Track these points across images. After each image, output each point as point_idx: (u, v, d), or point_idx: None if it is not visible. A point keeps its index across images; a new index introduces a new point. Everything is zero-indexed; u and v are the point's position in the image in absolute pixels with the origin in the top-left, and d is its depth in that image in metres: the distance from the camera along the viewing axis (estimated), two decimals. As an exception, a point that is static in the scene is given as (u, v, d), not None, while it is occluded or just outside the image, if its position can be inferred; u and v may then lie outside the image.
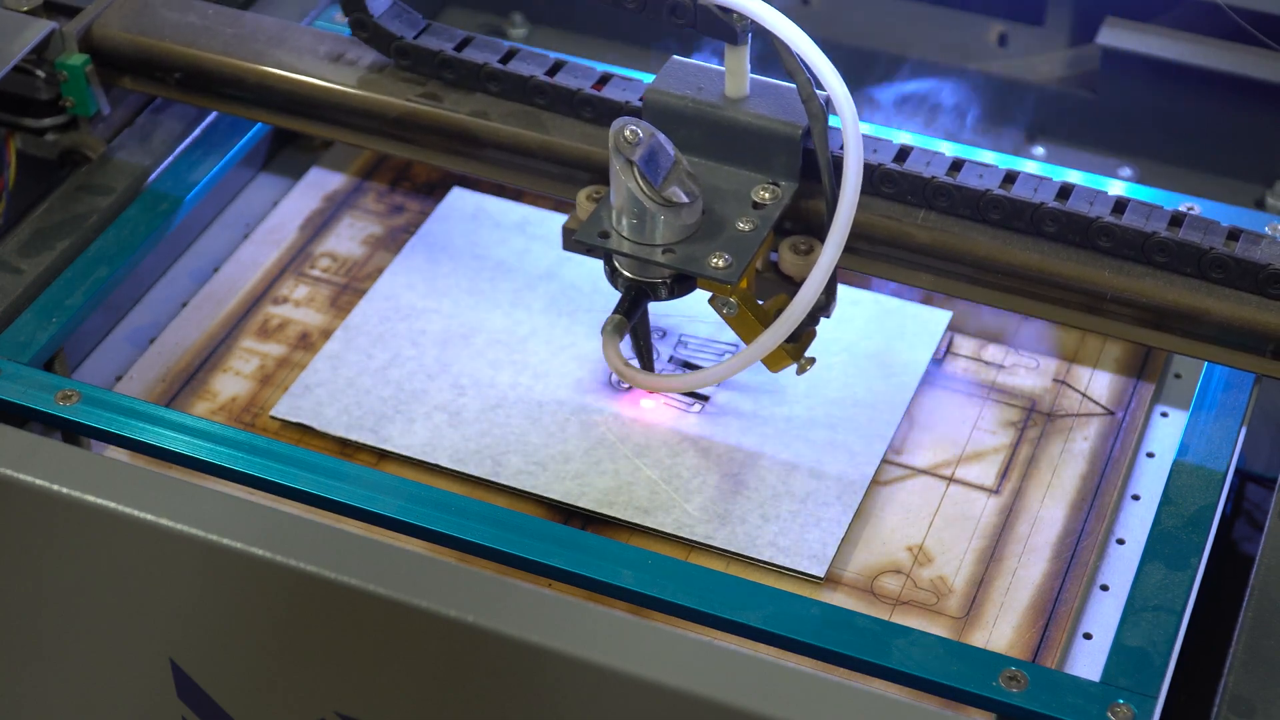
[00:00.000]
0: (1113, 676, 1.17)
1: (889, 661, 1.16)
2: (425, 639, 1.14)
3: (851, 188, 1.26)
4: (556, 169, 1.42)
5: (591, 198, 1.35)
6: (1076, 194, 1.31)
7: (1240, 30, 1.60)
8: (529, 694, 1.14)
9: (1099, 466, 1.38)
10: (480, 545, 1.23)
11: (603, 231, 1.30)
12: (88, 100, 1.48)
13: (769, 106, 1.32)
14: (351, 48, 1.48)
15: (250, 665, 1.23)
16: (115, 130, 1.52)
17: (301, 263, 1.54)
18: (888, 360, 1.43)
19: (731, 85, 1.32)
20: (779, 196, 1.31)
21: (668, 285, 1.31)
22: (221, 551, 1.16)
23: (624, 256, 1.30)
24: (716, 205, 1.31)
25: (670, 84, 1.34)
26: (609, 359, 1.31)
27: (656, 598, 1.20)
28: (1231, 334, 1.30)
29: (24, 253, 1.42)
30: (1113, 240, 1.30)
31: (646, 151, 1.26)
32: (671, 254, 1.28)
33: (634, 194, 1.26)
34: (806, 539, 1.32)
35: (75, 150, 1.50)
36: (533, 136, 1.41)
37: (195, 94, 1.50)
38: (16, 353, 1.36)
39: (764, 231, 1.29)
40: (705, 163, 1.33)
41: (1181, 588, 1.22)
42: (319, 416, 1.39)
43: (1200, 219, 1.30)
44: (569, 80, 1.41)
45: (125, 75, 1.51)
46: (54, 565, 1.24)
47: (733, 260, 1.27)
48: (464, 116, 1.43)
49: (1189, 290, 1.30)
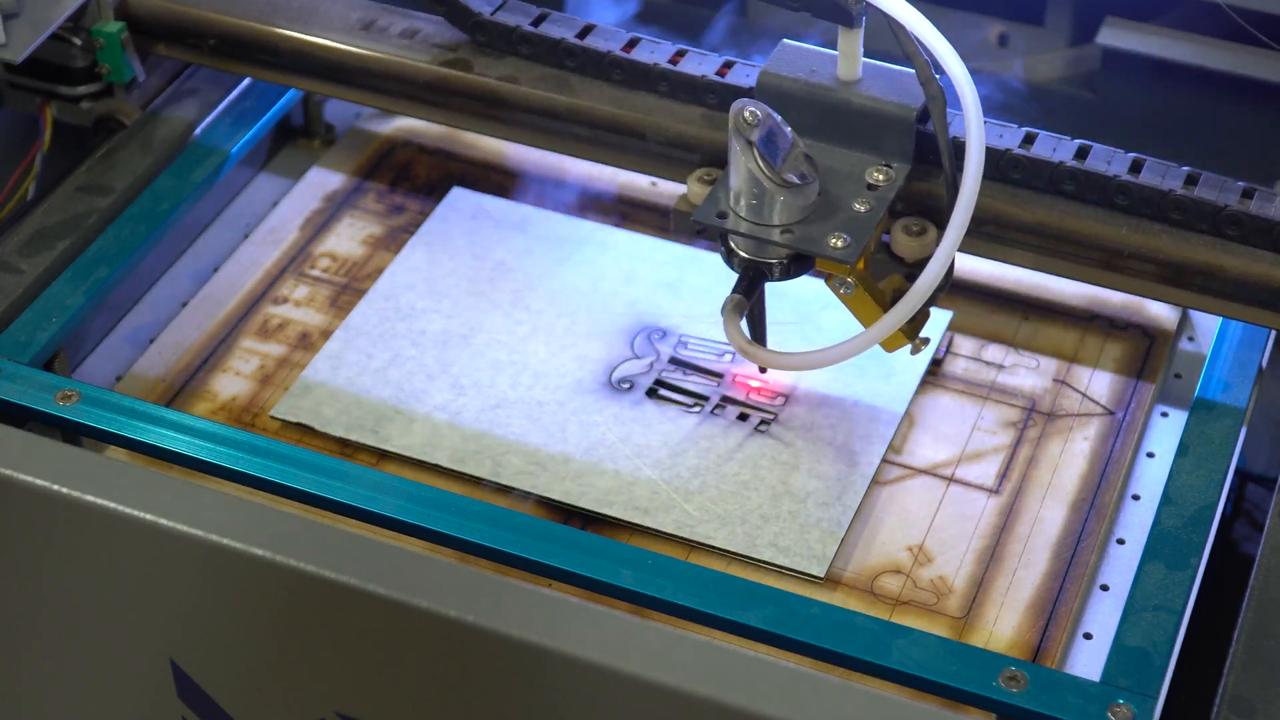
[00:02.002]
0: (1113, 676, 1.17)
1: (889, 661, 1.16)
2: (425, 639, 1.14)
3: (974, 169, 1.27)
4: (586, 131, 1.44)
5: (703, 180, 1.36)
6: (1094, 154, 1.34)
7: (1240, 30, 1.60)
8: (529, 694, 1.14)
9: (1099, 466, 1.38)
10: (480, 545, 1.23)
11: (720, 212, 1.31)
12: (123, 67, 1.52)
13: (882, 89, 1.33)
14: (383, 14, 1.51)
15: (250, 665, 1.23)
16: (149, 97, 1.56)
17: (301, 263, 1.54)
18: (888, 360, 1.43)
19: (845, 68, 1.34)
20: (893, 178, 1.32)
21: (783, 265, 1.32)
22: (221, 551, 1.16)
23: (741, 237, 1.31)
24: (831, 186, 1.32)
25: (783, 67, 1.35)
26: (730, 337, 1.32)
27: (656, 598, 1.20)
28: (1246, 289, 1.33)
29: (24, 253, 1.42)
30: (1130, 198, 1.33)
31: (765, 133, 1.27)
32: (790, 234, 1.29)
33: (754, 174, 1.27)
34: (806, 539, 1.32)
35: (110, 117, 1.53)
36: (561, 99, 1.44)
37: (229, 60, 1.54)
38: (16, 353, 1.36)
39: (880, 212, 1.30)
40: (818, 145, 1.34)
41: (1181, 588, 1.22)
42: (319, 416, 1.39)
43: (1215, 177, 1.33)
44: (599, 43, 1.43)
45: (160, 42, 1.54)
46: (54, 565, 1.24)
47: (851, 240, 1.28)
48: (494, 80, 1.46)
49: (1204, 247, 1.33)
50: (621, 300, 1.49)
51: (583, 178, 1.60)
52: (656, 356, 1.44)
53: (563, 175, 1.60)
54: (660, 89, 1.42)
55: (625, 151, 1.44)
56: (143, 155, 1.50)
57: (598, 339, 1.45)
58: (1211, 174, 1.33)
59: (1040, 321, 1.48)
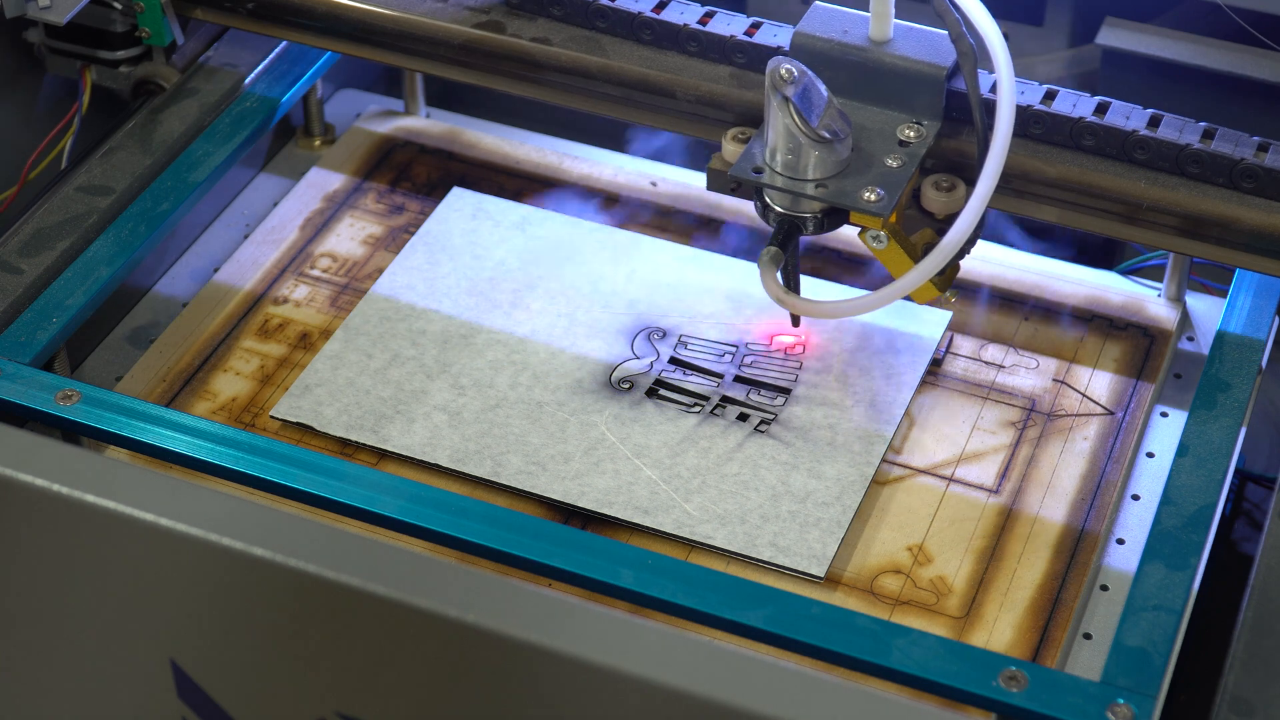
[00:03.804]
0: (1113, 676, 1.17)
1: (889, 661, 1.16)
2: (425, 639, 1.14)
3: (1005, 126, 1.29)
4: (617, 91, 1.47)
5: (737, 139, 1.39)
6: (1114, 110, 1.37)
7: (1240, 30, 1.60)
8: (529, 694, 1.14)
9: (1099, 466, 1.38)
10: (480, 545, 1.23)
11: (756, 167, 1.33)
12: (164, 30, 1.55)
13: (912, 49, 1.36)
14: None
15: (250, 665, 1.23)
16: (188, 61, 1.58)
17: (301, 263, 1.54)
18: (888, 360, 1.43)
19: (876, 29, 1.37)
20: (924, 135, 1.35)
21: (818, 219, 1.34)
22: (221, 551, 1.16)
23: (777, 191, 1.33)
24: (864, 143, 1.35)
25: (816, 27, 1.38)
26: (768, 287, 1.33)
27: (656, 598, 1.20)
28: (1262, 240, 1.35)
29: (24, 253, 1.42)
30: (1148, 153, 1.36)
31: (801, 90, 1.29)
32: (824, 189, 1.32)
33: (790, 130, 1.30)
34: (806, 539, 1.32)
35: (150, 80, 1.57)
36: (593, 60, 1.47)
37: (266, 23, 1.57)
38: (16, 353, 1.36)
39: (912, 168, 1.33)
40: (850, 103, 1.37)
41: (1181, 588, 1.22)
42: (319, 416, 1.39)
43: (1231, 132, 1.36)
44: (629, 4, 1.46)
45: (198, 6, 1.57)
46: (54, 565, 1.24)
47: (884, 194, 1.31)
48: (527, 42, 1.48)
49: (1221, 200, 1.35)
50: (621, 300, 1.49)
51: (583, 177, 1.60)
52: (656, 356, 1.44)
53: (563, 175, 1.61)
54: (690, 49, 1.45)
55: (656, 111, 1.47)
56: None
57: (598, 339, 1.45)
58: (1227, 129, 1.36)
59: (1040, 321, 1.48)
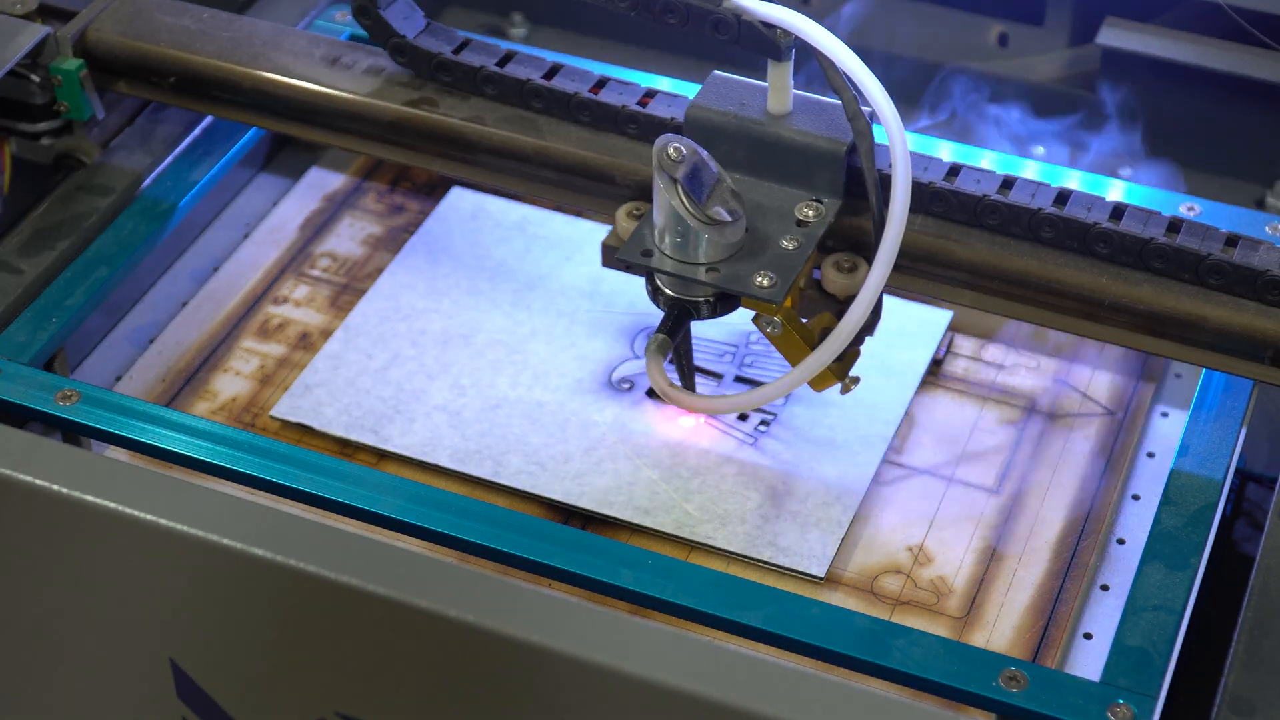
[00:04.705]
0: (1113, 676, 1.17)
1: (889, 661, 1.16)
2: (425, 639, 1.14)
3: (900, 206, 1.25)
4: (553, 175, 1.41)
5: (631, 214, 1.33)
6: (1074, 200, 1.31)
7: (1240, 30, 1.60)
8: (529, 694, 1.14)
9: (1099, 466, 1.38)
10: (480, 545, 1.23)
11: (645, 250, 1.29)
12: (82, 105, 1.47)
13: (812, 123, 1.31)
14: (347, 52, 1.47)
15: (250, 665, 1.23)
16: (111, 134, 1.52)
17: (301, 263, 1.54)
18: (888, 360, 1.43)
19: (775, 101, 1.31)
20: (823, 214, 1.30)
21: (710, 304, 1.30)
22: (221, 551, 1.16)
23: (667, 275, 1.29)
24: (759, 223, 1.30)
25: (712, 100, 1.32)
26: (653, 379, 1.29)
27: (656, 598, 1.20)
28: (1230, 340, 1.29)
29: (24, 253, 1.42)
30: (1110, 246, 1.29)
31: (690, 169, 1.25)
32: (715, 273, 1.27)
33: (677, 212, 1.25)
34: (806, 539, 1.32)
35: (70, 155, 1.49)
36: (528, 141, 1.40)
37: (190, 99, 1.49)
38: (16, 353, 1.36)
39: (808, 249, 1.28)
40: (748, 179, 1.32)
41: (1181, 588, 1.22)
42: (319, 416, 1.39)
43: (1198, 225, 1.30)
44: (565, 84, 1.40)
45: (120, 80, 1.50)
46: (54, 565, 1.24)
47: (777, 279, 1.26)
48: (459, 121, 1.42)
49: (1187, 296, 1.29)
50: (621, 300, 1.49)
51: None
52: None
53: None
54: (629, 131, 1.38)
55: (595, 196, 1.40)
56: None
57: (598, 339, 1.45)
58: (1193, 221, 1.30)
59: (1039, 322, 1.48)
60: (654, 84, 1.43)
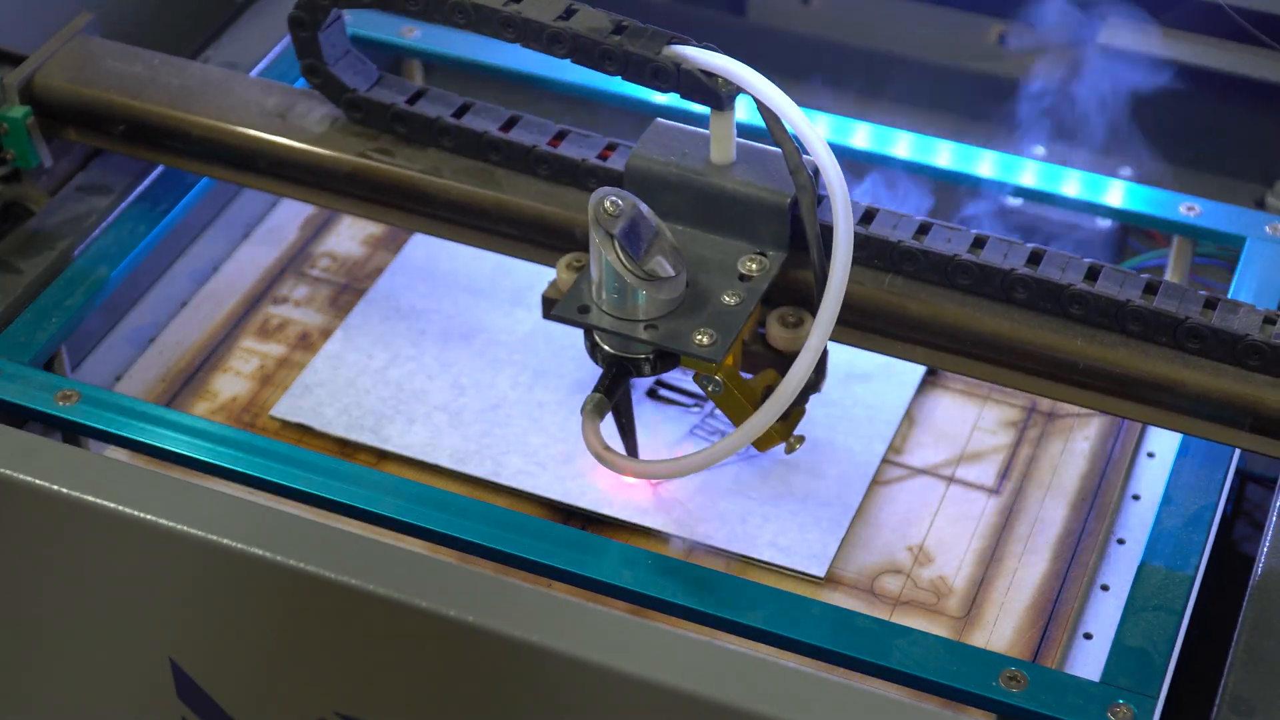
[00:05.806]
0: (1113, 676, 1.17)
1: (889, 661, 1.16)
2: (425, 639, 1.14)
3: (841, 265, 1.21)
4: (512, 229, 1.37)
5: (571, 266, 1.29)
6: (1048, 259, 1.27)
7: (1240, 30, 1.60)
8: (529, 694, 1.14)
9: (1099, 466, 1.38)
10: (480, 545, 1.23)
11: (582, 306, 1.24)
12: (29, 153, 1.43)
13: (756, 173, 1.26)
14: (301, 100, 1.42)
15: (250, 665, 1.23)
16: (60, 182, 1.47)
17: (301, 263, 1.54)
18: (888, 360, 1.42)
19: (717, 151, 1.27)
20: (766, 268, 1.26)
21: (650, 361, 1.25)
22: (221, 551, 1.16)
23: (605, 332, 1.25)
24: (701, 277, 1.26)
25: (653, 150, 1.28)
26: (589, 442, 1.24)
27: (656, 598, 1.20)
28: (1208, 406, 1.24)
29: (24, 253, 1.42)
30: (1085, 308, 1.25)
31: (627, 224, 1.20)
32: (654, 330, 1.23)
33: (614, 268, 1.21)
34: (806, 539, 1.32)
35: (17, 203, 1.45)
36: (486, 194, 1.36)
37: (139, 147, 1.45)
38: (16, 353, 1.36)
39: (750, 306, 1.24)
40: (690, 231, 1.28)
41: (1181, 588, 1.22)
42: (319, 416, 1.39)
43: (1176, 286, 1.25)
44: (524, 136, 1.36)
45: (69, 127, 1.45)
46: (54, 565, 1.24)
47: (718, 337, 1.22)
48: (415, 173, 1.37)
49: (1164, 360, 1.24)
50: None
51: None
52: None
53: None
54: (590, 185, 1.33)
55: (554, 250, 1.35)
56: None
57: (598, 339, 1.45)
58: (1171, 283, 1.25)
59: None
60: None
